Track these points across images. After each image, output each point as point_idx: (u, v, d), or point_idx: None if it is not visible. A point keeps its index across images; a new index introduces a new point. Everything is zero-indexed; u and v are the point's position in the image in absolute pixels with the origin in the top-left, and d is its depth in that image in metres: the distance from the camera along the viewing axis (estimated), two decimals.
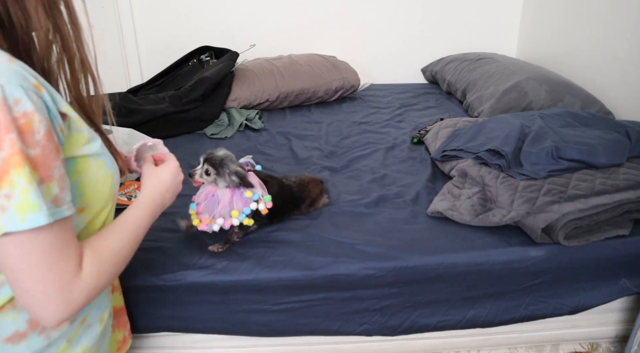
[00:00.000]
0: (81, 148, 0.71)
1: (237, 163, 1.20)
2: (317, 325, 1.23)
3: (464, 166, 1.50)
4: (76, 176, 0.72)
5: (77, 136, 0.70)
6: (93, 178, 0.74)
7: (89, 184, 0.74)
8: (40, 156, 0.61)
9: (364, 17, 2.78)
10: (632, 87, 1.88)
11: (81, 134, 0.71)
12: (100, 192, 0.76)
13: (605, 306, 1.32)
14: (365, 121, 2.19)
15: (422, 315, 1.25)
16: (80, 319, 0.79)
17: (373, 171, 1.67)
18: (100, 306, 0.84)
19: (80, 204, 0.74)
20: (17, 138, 0.58)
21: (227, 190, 1.18)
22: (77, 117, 0.71)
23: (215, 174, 1.16)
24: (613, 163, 1.40)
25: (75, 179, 0.72)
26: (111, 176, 0.78)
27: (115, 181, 0.80)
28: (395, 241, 1.26)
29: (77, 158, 0.71)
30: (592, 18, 2.12)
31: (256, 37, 2.66)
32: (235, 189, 1.18)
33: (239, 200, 1.18)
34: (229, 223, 1.18)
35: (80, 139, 0.71)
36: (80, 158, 0.71)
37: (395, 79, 2.84)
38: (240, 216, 1.18)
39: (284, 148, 1.92)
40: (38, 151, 0.60)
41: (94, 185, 0.75)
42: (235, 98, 2.27)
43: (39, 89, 0.62)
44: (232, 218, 1.17)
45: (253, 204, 1.19)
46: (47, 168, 0.62)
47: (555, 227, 1.23)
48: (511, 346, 1.41)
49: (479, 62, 2.44)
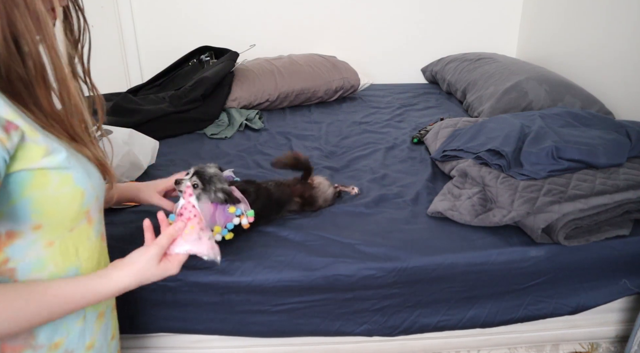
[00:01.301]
0: (39, 160, 0.65)
1: (224, 181, 1.16)
2: (317, 325, 1.23)
3: (464, 166, 1.50)
4: (31, 190, 0.65)
5: (31, 147, 0.64)
6: (54, 194, 0.67)
7: (48, 199, 0.67)
8: None
9: (364, 17, 2.78)
10: (632, 87, 1.88)
11: (36, 145, 0.64)
12: (64, 210, 0.69)
13: (605, 307, 1.32)
14: (365, 121, 2.19)
15: (422, 315, 1.25)
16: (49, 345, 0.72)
17: (373, 171, 1.67)
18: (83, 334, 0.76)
19: (35, 221, 0.67)
20: None
21: (209, 205, 1.14)
22: (29, 127, 0.64)
23: (201, 189, 1.13)
24: (613, 163, 1.40)
25: (30, 194, 0.65)
26: (81, 193, 0.70)
27: (89, 198, 0.72)
28: (395, 241, 1.26)
29: (34, 171, 0.64)
30: (592, 18, 2.12)
31: (256, 37, 2.66)
32: (218, 204, 1.15)
33: (221, 215, 1.16)
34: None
35: (35, 150, 0.64)
36: (37, 170, 0.65)
37: (395, 79, 2.84)
38: (222, 232, 1.16)
39: (284, 148, 1.92)
40: None
41: (54, 201, 0.68)
42: (235, 98, 2.27)
43: None
44: (214, 234, 1.13)
45: (236, 220, 1.17)
46: None
47: (556, 227, 1.23)
48: (511, 346, 1.41)
49: (479, 62, 2.44)
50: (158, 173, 1.63)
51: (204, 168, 1.14)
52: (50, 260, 0.71)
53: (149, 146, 1.68)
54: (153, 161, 1.70)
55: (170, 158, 1.80)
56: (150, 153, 1.68)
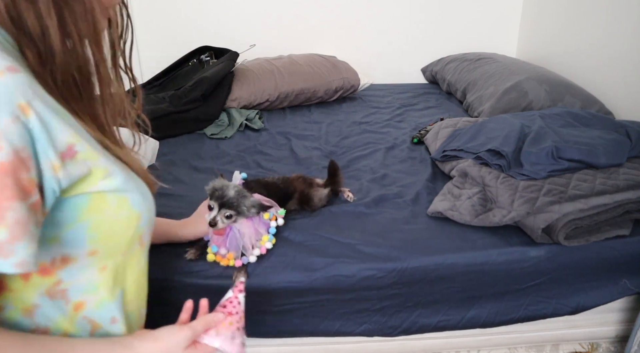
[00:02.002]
0: (97, 183, 0.61)
1: (248, 194, 1.18)
2: (317, 325, 1.23)
3: (464, 166, 1.50)
4: (88, 214, 0.61)
5: (95, 171, 0.60)
6: (111, 218, 0.64)
7: (105, 224, 0.63)
8: None
9: (364, 17, 2.78)
10: (632, 87, 1.88)
11: (96, 167, 0.60)
12: (120, 234, 0.66)
13: (605, 307, 1.31)
14: (365, 121, 2.19)
15: (422, 315, 1.25)
16: None
17: (373, 171, 1.67)
18: None
19: (91, 247, 0.64)
20: None
21: (247, 222, 1.18)
22: (90, 148, 0.60)
23: (236, 215, 1.14)
24: (613, 163, 1.40)
25: (87, 218, 0.61)
26: (137, 216, 0.67)
27: (145, 222, 0.69)
28: (395, 241, 1.26)
29: (91, 194, 0.61)
30: (592, 18, 2.12)
31: (256, 37, 2.66)
32: (253, 217, 1.19)
33: (260, 225, 1.21)
34: (263, 249, 1.20)
35: (94, 173, 0.60)
36: (95, 194, 0.61)
37: (395, 79, 2.83)
38: (270, 238, 1.21)
39: (284, 148, 1.92)
40: None
41: (110, 226, 0.64)
42: (235, 98, 2.27)
43: (25, 113, 0.51)
44: (264, 243, 1.20)
45: (273, 223, 1.24)
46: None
47: (556, 227, 1.23)
48: (511, 346, 1.40)
49: (479, 62, 2.44)
50: (158, 172, 1.63)
51: (224, 191, 1.14)
52: (101, 284, 0.68)
53: (149, 146, 1.68)
54: (153, 161, 1.70)
55: (170, 157, 1.80)
56: (151, 153, 1.68)
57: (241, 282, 0.85)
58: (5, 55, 0.52)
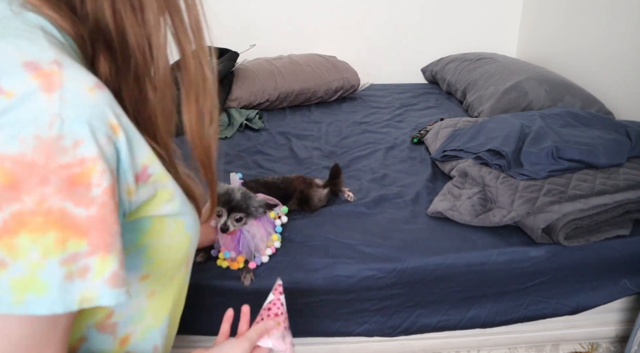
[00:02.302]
0: (161, 206, 0.56)
1: (253, 195, 1.20)
2: (317, 325, 1.23)
3: (464, 166, 1.50)
4: (148, 238, 0.57)
5: (160, 193, 0.55)
6: (168, 242, 0.59)
7: (162, 248, 0.59)
8: (97, 217, 0.44)
9: (364, 17, 2.78)
10: (632, 87, 1.88)
11: (165, 190, 0.55)
12: (173, 258, 0.62)
13: (605, 307, 1.31)
14: (365, 121, 2.19)
15: (422, 315, 1.25)
16: None
17: (373, 171, 1.67)
18: None
19: (145, 271, 0.59)
20: (54, 192, 0.42)
21: (255, 222, 1.19)
22: (160, 169, 0.54)
23: (245, 216, 1.15)
24: (613, 163, 1.40)
25: (147, 241, 0.57)
26: (189, 239, 0.62)
27: (193, 244, 0.64)
28: (395, 241, 1.26)
29: (154, 218, 0.56)
30: (592, 18, 2.12)
31: (256, 37, 2.66)
32: (260, 217, 1.21)
33: (268, 224, 1.23)
34: (273, 248, 1.21)
35: (160, 196, 0.55)
36: (156, 217, 0.56)
37: (395, 79, 2.83)
38: (279, 237, 1.24)
39: (284, 148, 1.92)
40: (94, 211, 0.44)
41: (167, 250, 0.60)
42: (235, 98, 2.27)
43: (115, 132, 0.47)
44: (274, 243, 1.22)
45: (278, 221, 1.26)
46: (106, 234, 0.45)
47: (556, 227, 1.23)
48: (511, 346, 1.40)
49: (479, 62, 2.44)
50: None
51: (230, 195, 1.14)
52: (149, 311, 0.64)
53: None
54: None
55: None
56: None
57: (279, 284, 0.88)
58: (82, 66, 0.47)
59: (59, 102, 0.43)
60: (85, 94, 0.45)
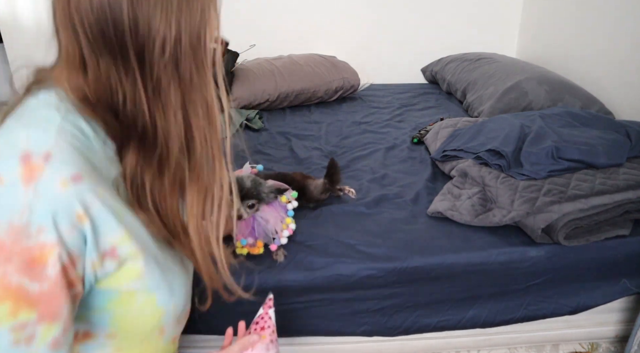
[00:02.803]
0: (129, 282, 0.62)
1: (263, 181, 1.22)
2: (317, 325, 1.23)
3: (464, 166, 1.50)
4: (115, 306, 0.63)
5: (127, 269, 0.61)
6: (135, 313, 0.65)
7: (127, 317, 0.65)
8: (48, 292, 0.53)
9: (364, 17, 2.78)
10: (632, 87, 1.88)
11: (134, 267, 0.61)
12: (141, 326, 0.67)
13: (605, 307, 1.32)
14: (365, 121, 2.19)
15: (422, 315, 1.25)
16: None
17: (373, 171, 1.67)
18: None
19: (111, 330, 0.65)
20: (15, 270, 0.51)
21: (267, 208, 1.21)
22: (133, 249, 0.61)
23: (257, 203, 1.18)
24: (613, 163, 1.40)
25: (112, 309, 0.63)
26: (161, 313, 0.67)
27: (167, 318, 0.68)
28: (395, 241, 1.26)
29: (122, 291, 0.62)
30: (593, 18, 2.12)
31: (256, 37, 2.66)
32: (272, 202, 1.23)
33: (280, 208, 1.24)
34: (290, 230, 1.23)
35: (130, 273, 0.61)
36: (125, 291, 0.62)
37: (395, 79, 2.83)
38: (292, 220, 1.25)
39: (284, 148, 1.92)
40: (46, 287, 0.53)
41: (134, 319, 0.65)
42: (235, 98, 2.27)
43: (80, 221, 0.55)
44: (288, 225, 1.23)
45: (290, 205, 1.27)
46: (54, 305, 0.54)
47: (556, 227, 1.23)
48: (511, 346, 1.40)
49: (479, 62, 2.44)
50: None
51: (240, 183, 1.17)
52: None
53: None
54: None
55: None
56: None
57: (270, 299, 0.90)
58: (75, 158, 0.56)
59: (32, 194, 0.52)
60: (57, 188, 0.53)
